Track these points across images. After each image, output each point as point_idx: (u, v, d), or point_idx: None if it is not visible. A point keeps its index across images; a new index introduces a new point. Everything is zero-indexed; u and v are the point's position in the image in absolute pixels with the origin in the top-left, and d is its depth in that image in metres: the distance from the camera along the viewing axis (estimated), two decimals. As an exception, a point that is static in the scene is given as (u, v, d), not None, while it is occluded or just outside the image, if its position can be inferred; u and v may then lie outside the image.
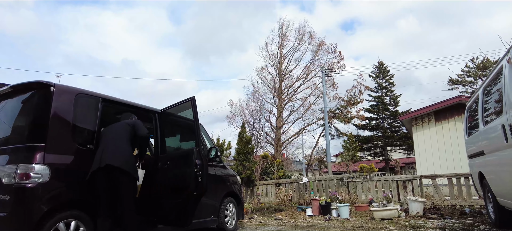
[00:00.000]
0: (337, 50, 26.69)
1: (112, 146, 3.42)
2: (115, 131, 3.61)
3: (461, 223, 5.35)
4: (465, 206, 6.91)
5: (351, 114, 26.59)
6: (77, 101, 3.40)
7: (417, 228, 5.10)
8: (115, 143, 3.47)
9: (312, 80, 27.30)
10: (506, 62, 3.33)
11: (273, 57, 28.58)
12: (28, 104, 3.36)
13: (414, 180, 8.11)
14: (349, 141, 24.62)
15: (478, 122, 4.39)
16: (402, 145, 29.57)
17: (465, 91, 28.88)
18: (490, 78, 4.09)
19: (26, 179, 2.83)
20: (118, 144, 3.48)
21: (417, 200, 6.66)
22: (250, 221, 6.80)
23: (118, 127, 3.67)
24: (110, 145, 3.43)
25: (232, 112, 29.06)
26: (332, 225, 5.90)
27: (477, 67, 29.19)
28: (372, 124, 30.92)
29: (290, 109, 28.35)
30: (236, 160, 10.55)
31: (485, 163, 4.19)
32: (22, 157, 2.93)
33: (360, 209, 7.43)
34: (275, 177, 10.85)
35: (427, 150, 12.28)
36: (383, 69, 31.26)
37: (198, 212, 4.68)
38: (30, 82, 3.35)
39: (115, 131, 3.61)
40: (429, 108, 12.41)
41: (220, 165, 5.40)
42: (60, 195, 3.02)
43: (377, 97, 30.98)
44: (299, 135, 28.53)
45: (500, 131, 3.31)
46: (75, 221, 3.06)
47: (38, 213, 2.80)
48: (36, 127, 3.14)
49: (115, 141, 3.49)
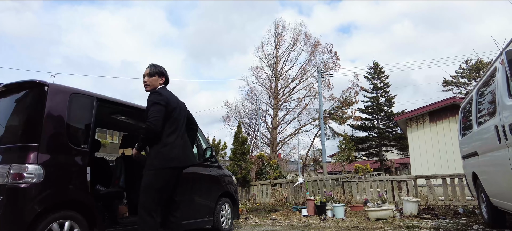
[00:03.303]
0: (332, 51, 26.80)
1: (188, 143, 3.32)
2: (183, 121, 3.35)
3: (455, 223, 5.39)
4: (459, 206, 6.96)
5: (346, 115, 26.71)
6: (71, 101, 3.37)
7: (411, 228, 5.13)
8: (186, 138, 3.33)
9: (308, 80, 27.41)
10: (500, 63, 3.36)
11: (269, 58, 28.64)
12: (21, 103, 3.33)
13: (409, 180, 8.16)
14: (344, 141, 24.74)
15: (472, 122, 4.42)
16: (397, 146, 29.76)
17: (459, 92, 29.14)
18: (483, 80, 4.13)
19: (19, 179, 2.80)
20: (186, 138, 3.33)
21: (412, 200, 6.70)
22: (246, 221, 6.80)
23: (184, 115, 3.39)
24: (187, 141, 3.30)
25: (227, 112, 29.07)
26: (327, 225, 5.92)
27: (471, 68, 29.47)
28: (367, 124, 31.09)
29: (285, 110, 28.43)
30: (231, 160, 10.54)
31: (478, 163, 4.23)
32: (15, 157, 2.90)
33: (355, 209, 7.46)
34: (270, 177, 10.86)
35: (421, 151, 12.36)
36: (378, 70, 31.44)
37: (193, 212, 4.68)
38: (23, 82, 3.32)
39: (184, 121, 3.36)
40: (423, 109, 12.50)
41: (215, 165, 5.39)
42: (54, 195, 2.99)
43: (372, 98, 31.15)
44: (295, 135, 28.62)
45: (493, 132, 3.34)
46: (69, 221, 3.04)
47: (32, 214, 2.77)
48: (29, 127, 3.11)
49: (185, 135, 3.32)
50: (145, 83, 3.27)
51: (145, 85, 3.27)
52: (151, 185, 3.02)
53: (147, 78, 3.27)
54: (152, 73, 3.27)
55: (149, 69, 3.29)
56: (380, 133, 30.30)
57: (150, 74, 3.26)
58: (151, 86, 3.26)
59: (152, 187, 3.02)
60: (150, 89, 3.26)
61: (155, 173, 3.03)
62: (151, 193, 3.00)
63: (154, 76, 3.27)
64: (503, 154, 3.18)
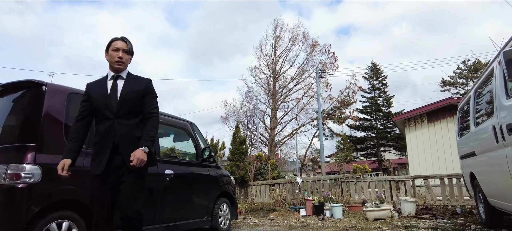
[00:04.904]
0: (330, 51, 26.85)
1: None
2: None
3: (453, 223, 5.41)
4: (457, 206, 6.99)
5: (344, 115, 26.75)
6: (69, 100, 3.36)
7: (409, 228, 5.14)
8: None
9: (306, 81, 27.45)
10: (497, 64, 3.38)
11: (268, 58, 28.66)
12: (19, 103, 3.32)
13: (407, 180, 8.18)
14: (342, 141, 24.78)
15: (470, 123, 4.44)
16: (395, 146, 29.81)
17: (457, 92, 29.23)
18: (481, 80, 4.14)
19: (17, 179, 2.79)
20: None
21: (410, 201, 6.71)
22: (244, 221, 6.80)
23: None
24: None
25: (226, 113, 29.07)
26: (326, 225, 5.92)
27: (469, 69, 29.56)
28: (365, 124, 31.14)
29: (284, 110, 28.45)
30: (230, 160, 10.54)
31: (476, 163, 4.24)
32: (13, 157, 2.89)
33: (353, 209, 7.47)
34: (269, 178, 10.86)
35: (419, 151, 12.40)
36: (377, 71, 31.50)
37: (191, 212, 4.67)
38: (21, 81, 3.31)
39: None
40: (421, 109, 12.53)
41: (213, 165, 5.39)
42: (52, 196, 2.98)
43: (371, 98, 31.20)
44: (293, 135, 28.63)
45: (491, 132, 3.35)
46: (67, 221, 3.03)
47: (29, 214, 2.77)
48: (27, 126, 3.10)
49: None
50: (120, 60, 2.56)
51: (119, 62, 2.56)
52: (146, 185, 2.76)
53: (125, 55, 2.61)
54: (130, 51, 2.67)
55: (127, 44, 2.64)
56: (378, 133, 30.35)
57: (129, 51, 2.66)
58: (125, 67, 2.63)
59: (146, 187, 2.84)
60: (122, 70, 2.62)
61: (147, 172, 2.66)
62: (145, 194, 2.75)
63: (131, 55, 2.68)
64: (500, 154, 3.19)
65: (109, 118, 2.50)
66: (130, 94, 2.55)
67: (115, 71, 2.61)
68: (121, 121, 2.50)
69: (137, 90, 2.58)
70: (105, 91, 2.56)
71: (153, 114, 2.58)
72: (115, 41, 2.62)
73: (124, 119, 2.51)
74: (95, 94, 2.58)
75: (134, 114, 2.56)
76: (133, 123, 2.55)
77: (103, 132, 2.50)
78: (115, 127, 2.49)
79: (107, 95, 2.54)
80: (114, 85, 2.58)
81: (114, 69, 2.60)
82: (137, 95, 2.57)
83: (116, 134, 2.48)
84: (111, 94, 2.54)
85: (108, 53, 2.62)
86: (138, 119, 2.59)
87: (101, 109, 2.54)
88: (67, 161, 2.46)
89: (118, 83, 2.59)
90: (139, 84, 2.62)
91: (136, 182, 2.49)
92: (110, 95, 2.53)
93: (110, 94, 2.54)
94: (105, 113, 2.51)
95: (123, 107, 2.51)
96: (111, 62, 2.60)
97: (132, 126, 2.53)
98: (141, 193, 2.55)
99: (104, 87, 2.58)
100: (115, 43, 2.61)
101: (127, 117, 2.53)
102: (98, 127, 2.57)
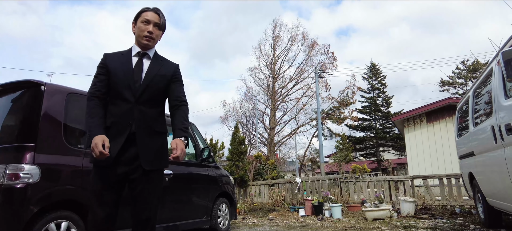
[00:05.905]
0: (330, 51, 26.88)
1: None
2: None
3: (452, 223, 5.42)
4: (456, 206, 7.00)
5: (343, 115, 26.78)
6: (68, 100, 3.36)
7: (408, 228, 5.15)
8: None
9: (305, 81, 27.48)
10: (496, 64, 3.38)
11: (267, 58, 28.67)
12: (18, 103, 3.31)
13: (406, 180, 8.19)
14: (342, 141, 24.79)
15: (469, 123, 4.45)
16: (394, 146, 29.87)
17: (456, 92, 29.29)
18: (480, 80, 4.15)
19: (16, 179, 2.79)
20: None
21: (409, 200, 6.72)
22: (243, 222, 6.80)
23: None
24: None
25: (225, 113, 29.08)
26: (325, 225, 5.93)
27: (467, 69, 29.63)
28: (364, 124, 31.18)
29: (283, 110, 28.47)
30: (229, 161, 10.54)
31: (475, 163, 4.25)
32: (12, 157, 2.88)
33: (352, 209, 7.47)
34: (268, 178, 10.86)
35: (418, 151, 12.42)
36: (376, 71, 31.55)
37: (191, 212, 4.67)
38: (20, 81, 3.31)
39: None
40: (420, 109, 12.55)
41: (213, 166, 5.39)
42: (51, 196, 2.97)
43: (370, 98, 31.25)
44: (292, 136, 28.66)
45: (490, 132, 3.36)
46: (66, 222, 3.03)
47: (28, 214, 2.76)
48: (26, 126, 3.09)
49: None
50: (149, 35, 2.14)
51: (148, 38, 2.14)
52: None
53: (156, 30, 2.18)
54: (163, 26, 2.23)
55: (160, 18, 2.20)
56: (378, 133, 30.40)
57: (162, 26, 2.22)
58: (154, 44, 2.21)
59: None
60: (151, 47, 2.21)
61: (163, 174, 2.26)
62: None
63: (162, 31, 2.25)
64: (499, 154, 3.19)
65: (128, 101, 2.05)
66: (156, 77, 2.13)
67: (143, 48, 2.17)
68: (142, 107, 2.07)
69: (164, 75, 2.16)
70: (128, 69, 2.11)
71: (184, 102, 2.19)
72: (146, 11, 2.17)
73: (145, 106, 2.08)
74: (116, 68, 2.11)
75: (156, 102, 2.15)
76: (154, 113, 2.13)
77: (119, 116, 2.05)
78: (134, 114, 2.04)
79: (131, 74, 2.09)
80: (139, 63, 2.13)
81: (141, 45, 2.16)
82: (163, 80, 2.15)
83: (135, 122, 2.04)
84: (135, 74, 2.10)
85: (136, 24, 2.18)
86: (159, 110, 2.18)
87: (119, 89, 2.07)
88: (106, 138, 1.94)
89: (144, 62, 2.15)
90: (167, 68, 2.20)
91: (156, 188, 2.10)
92: (134, 75, 2.09)
93: (134, 73, 2.10)
94: (124, 94, 2.05)
95: (146, 92, 2.08)
96: (138, 36, 2.16)
97: (152, 117, 2.11)
98: (158, 202, 2.16)
99: (127, 64, 2.13)
100: (145, 13, 2.16)
101: (149, 104, 2.10)
102: (111, 109, 2.09)
